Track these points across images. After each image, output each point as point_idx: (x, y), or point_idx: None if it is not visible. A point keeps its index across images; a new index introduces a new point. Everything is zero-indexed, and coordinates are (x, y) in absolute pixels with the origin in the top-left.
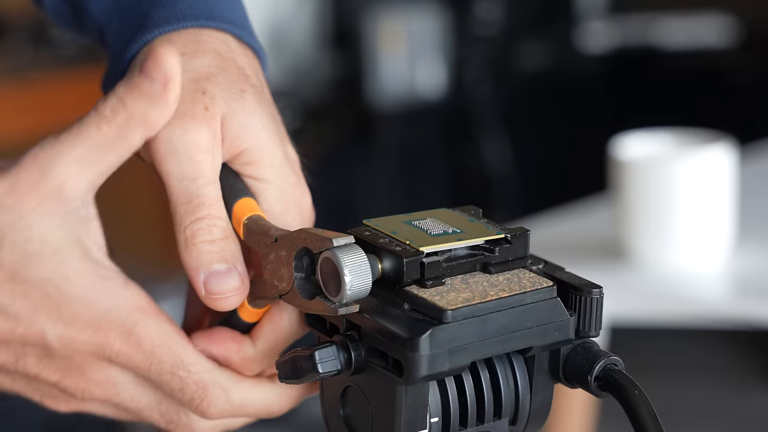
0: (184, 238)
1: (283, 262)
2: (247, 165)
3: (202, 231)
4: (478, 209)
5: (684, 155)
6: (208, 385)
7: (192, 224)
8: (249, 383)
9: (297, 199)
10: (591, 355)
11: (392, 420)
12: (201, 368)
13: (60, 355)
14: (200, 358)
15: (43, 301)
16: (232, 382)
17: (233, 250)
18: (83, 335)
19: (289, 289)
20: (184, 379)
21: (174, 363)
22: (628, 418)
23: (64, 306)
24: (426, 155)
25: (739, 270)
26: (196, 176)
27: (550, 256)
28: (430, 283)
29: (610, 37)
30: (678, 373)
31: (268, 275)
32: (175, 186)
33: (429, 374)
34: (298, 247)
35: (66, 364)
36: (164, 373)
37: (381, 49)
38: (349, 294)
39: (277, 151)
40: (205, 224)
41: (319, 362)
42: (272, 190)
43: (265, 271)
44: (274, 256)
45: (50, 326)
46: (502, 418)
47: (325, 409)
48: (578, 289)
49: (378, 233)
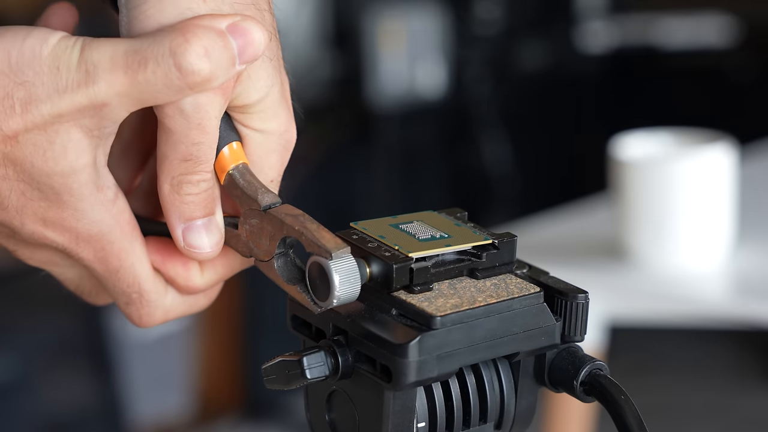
0: (170, 185)
1: (266, 235)
2: (244, 114)
3: (191, 185)
4: (463, 212)
5: (684, 155)
6: (152, 306)
7: (182, 176)
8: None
9: (280, 148)
10: (576, 360)
11: (379, 425)
12: (154, 296)
13: (23, 240)
14: (157, 286)
15: (35, 203)
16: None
17: (216, 203)
18: (57, 237)
19: (266, 260)
20: (133, 299)
21: (130, 284)
22: (614, 422)
23: (53, 212)
24: (426, 155)
25: (739, 270)
26: (200, 141)
27: (550, 256)
28: (418, 289)
29: (610, 37)
30: (678, 373)
31: (244, 233)
32: (175, 142)
33: (417, 380)
34: (287, 236)
35: (26, 243)
36: (117, 288)
37: (381, 49)
38: (336, 303)
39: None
40: (195, 179)
41: (308, 368)
42: (259, 137)
43: (241, 228)
44: (257, 223)
45: (30, 224)
46: (487, 422)
47: (310, 414)
48: (564, 294)
49: (366, 237)
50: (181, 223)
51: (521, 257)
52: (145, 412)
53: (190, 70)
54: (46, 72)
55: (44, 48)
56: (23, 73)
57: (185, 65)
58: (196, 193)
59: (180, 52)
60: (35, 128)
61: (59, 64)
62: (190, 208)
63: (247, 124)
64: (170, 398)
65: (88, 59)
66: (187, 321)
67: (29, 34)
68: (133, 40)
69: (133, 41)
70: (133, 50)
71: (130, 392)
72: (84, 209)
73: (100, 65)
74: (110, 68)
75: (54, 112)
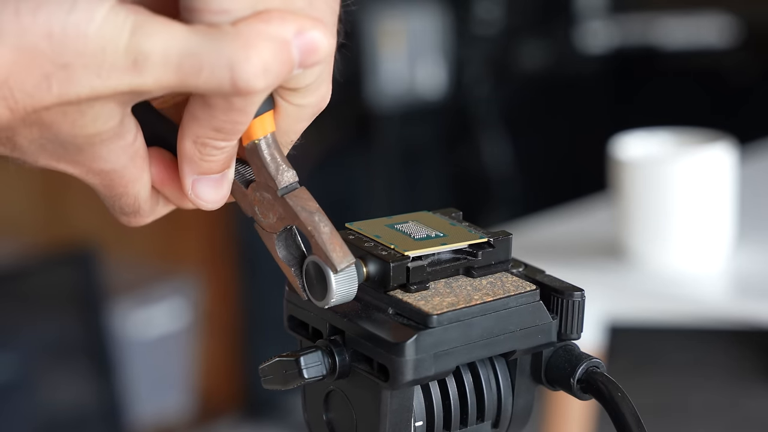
0: (192, 142)
1: (275, 213)
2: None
3: (215, 150)
4: (458, 212)
5: (684, 155)
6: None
7: (209, 140)
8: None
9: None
10: (573, 358)
11: (377, 424)
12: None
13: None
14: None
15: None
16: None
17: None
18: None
19: (267, 231)
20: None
21: (130, 205)
22: (611, 420)
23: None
24: (426, 155)
25: (739, 270)
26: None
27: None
28: (415, 288)
29: (610, 37)
30: (678, 373)
31: (253, 198)
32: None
33: (415, 379)
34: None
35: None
36: (116, 204)
37: (381, 49)
38: (332, 304)
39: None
40: (221, 145)
41: (305, 368)
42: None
43: (251, 192)
44: (269, 198)
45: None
46: (485, 421)
47: (308, 414)
48: (560, 292)
49: (362, 237)
50: (193, 175)
51: (521, 257)
52: (145, 412)
53: (244, 86)
54: (90, 54)
55: (90, 26)
56: (64, 55)
57: (240, 82)
58: (217, 157)
59: (239, 68)
60: (69, 103)
61: (105, 46)
62: (208, 165)
63: (287, 99)
64: (170, 398)
65: (138, 47)
66: (187, 321)
67: (74, 7)
68: (191, 34)
69: (190, 36)
70: (189, 52)
71: (130, 392)
72: (102, 154)
73: (150, 58)
74: (161, 65)
75: (92, 94)
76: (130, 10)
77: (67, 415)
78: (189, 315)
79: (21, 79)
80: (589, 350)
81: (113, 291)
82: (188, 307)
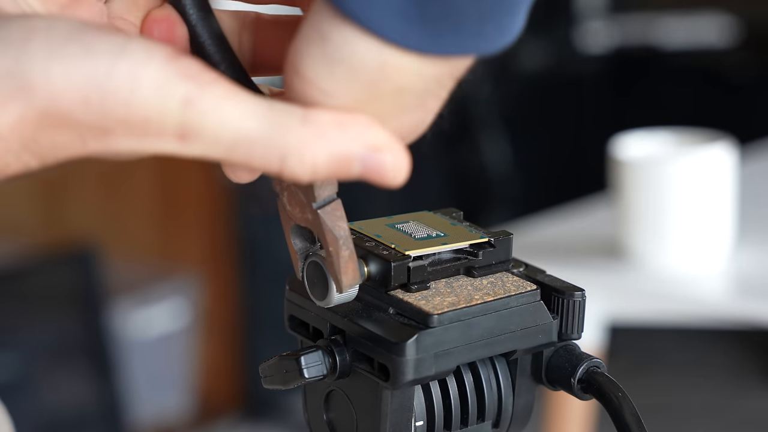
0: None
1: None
2: None
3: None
4: (459, 212)
5: (684, 155)
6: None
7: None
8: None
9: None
10: (574, 358)
11: (377, 424)
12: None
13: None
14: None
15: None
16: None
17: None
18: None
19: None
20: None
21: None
22: (611, 420)
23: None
24: (426, 155)
25: (739, 270)
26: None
27: (550, 256)
28: (416, 287)
29: (610, 37)
30: (678, 373)
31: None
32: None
33: (415, 378)
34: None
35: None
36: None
37: None
38: (332, 304)
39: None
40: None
41: (305, 367)
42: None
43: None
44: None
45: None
46: (485, 421)
47: (308, 414)
48: (560, 292)
49: (363, 236)
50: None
51: (521, 257)
52: (145, 412)
53: (290, 177)
54: (133, 123)
55: (134, 95)
56: (104, 123)
57: (286, 173)
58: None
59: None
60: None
61: (150, 117)
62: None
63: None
64: (170, 398)
65: (188, 125)
66: (187, 321)
67: (115, 67)
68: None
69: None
70: (244, 140)
71: (130, 392)
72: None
73: (201, 137)
74: (210, 143)
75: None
76: (182, 73)
77: (67, 415)
78: (189, 315)
79: (51, 137)
80: (589, 350)
81: (113, 291)
82: (188, 306)
